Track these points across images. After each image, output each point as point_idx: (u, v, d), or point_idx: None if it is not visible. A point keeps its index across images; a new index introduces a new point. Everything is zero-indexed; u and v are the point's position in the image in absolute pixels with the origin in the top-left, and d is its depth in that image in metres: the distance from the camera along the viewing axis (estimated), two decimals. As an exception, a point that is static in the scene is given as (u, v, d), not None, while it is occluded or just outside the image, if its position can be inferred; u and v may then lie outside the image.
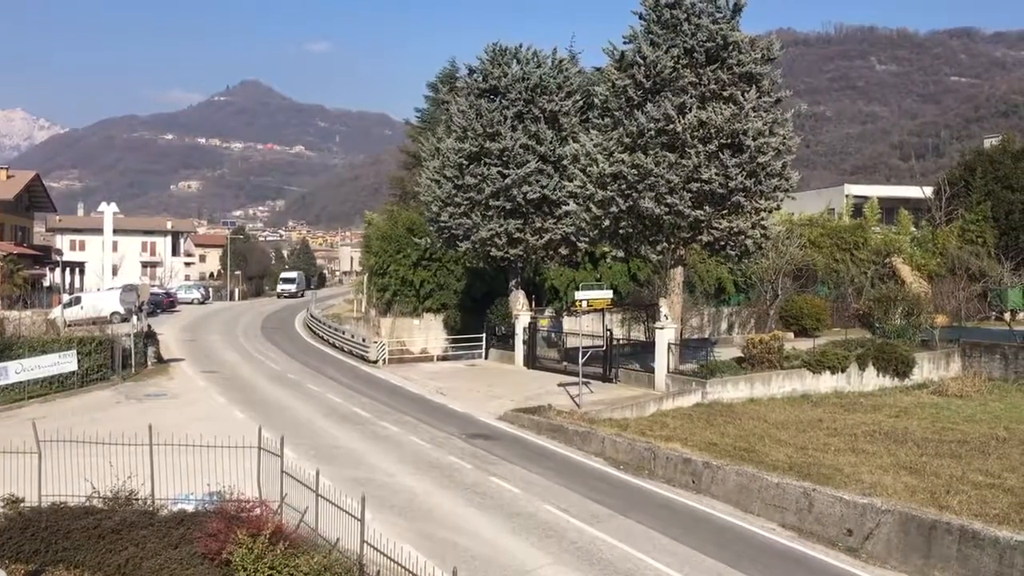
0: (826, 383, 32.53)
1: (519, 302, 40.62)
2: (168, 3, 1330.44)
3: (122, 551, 14.31)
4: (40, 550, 14.53)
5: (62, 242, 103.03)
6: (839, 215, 62.97)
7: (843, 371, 32.98)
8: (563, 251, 40.72)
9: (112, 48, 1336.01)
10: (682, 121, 30.19)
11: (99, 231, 74.32)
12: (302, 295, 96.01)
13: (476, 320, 45.35)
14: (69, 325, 43.82)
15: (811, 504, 18.04)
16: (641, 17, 32.53)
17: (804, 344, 36.63)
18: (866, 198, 65.44)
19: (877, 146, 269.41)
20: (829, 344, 35.97)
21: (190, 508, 15.61)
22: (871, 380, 33.80)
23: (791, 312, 44.37)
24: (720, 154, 30.26)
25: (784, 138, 31.23)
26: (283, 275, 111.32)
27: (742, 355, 33.15)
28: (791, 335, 41.29)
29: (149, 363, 37.99)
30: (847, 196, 69.13)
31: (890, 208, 64.73)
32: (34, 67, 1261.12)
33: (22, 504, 15.75)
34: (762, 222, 32.10)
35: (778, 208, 34.13)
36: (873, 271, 51.26)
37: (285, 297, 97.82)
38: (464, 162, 39.68)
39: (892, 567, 16.32)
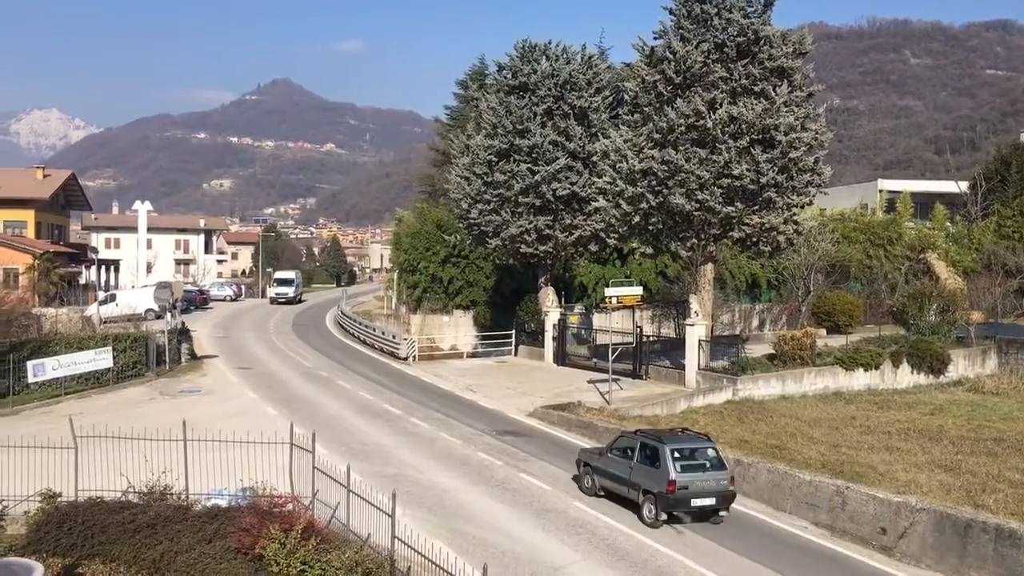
0: (859, 380, 32.18)
1: (548, 299, 40.59)
2: (200, 3, 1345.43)
3: (157, 545, 14.48)
4: (77, 544, 14.72)
5: (97, 240, 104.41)
6: (872, 210, 62.22)
7: (877, 368, 32.60)
8: (592, 248, 40.64)
9: (145, 48, 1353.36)
10: (713, 117, 30.00)
11: (134, 229, 75.39)
12: (300, 300, 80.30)
13: (505, 317, 45.38)
14: (105, 322, 44.45)
15: (844, 502, 17.88)
16: (671, 12, 32.37)
17: (837, 341, 36.29)
18: (900, 193, 64.58)
19: (911, 140, 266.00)
20: (862, 341, 35.59)
21: (223, 503, 15.76)
22: (905, 377, 33.40)
23: (823, 309, 43.88)
24: (751, 149, 30.04)
25: (816, 133, 30.94)
26: (278, 275, 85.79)
27: (774, 352, 32.90)
28: (823, 332, 40.86)
29: (183, 360, 38.39)
30: (880, 191, 68.21)
31: (924, 203, 63.79)
32: (69, 68, 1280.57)
33: (59, 499, 15.99)
34: (794, 218, 31.85)
35: (810, 204, 33.82)
36: (907, 267, 50.57)
37: (280, 303, 76.30)
38: (494, 159, 39.72)
39: (927, 566, 16.14)
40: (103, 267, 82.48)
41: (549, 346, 40.11)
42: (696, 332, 31.83)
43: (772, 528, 18.01)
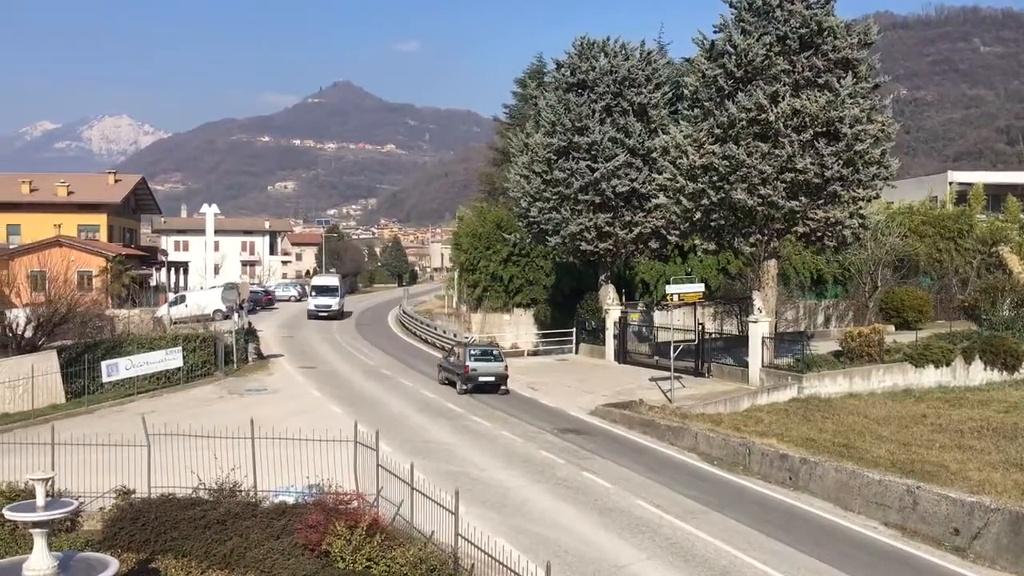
0: (929, 377, 31.45)
1: (609, 296, 40.44)
2: (261, 9, 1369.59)
3: (227, 541, 14.78)
4: (150, 540, 15.10)
5: (167, 243, 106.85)
6: (942, 203, 60.64)
7: (948, 365, 31.82)
8: (653, 245, 40.36)
9: (210, 55, 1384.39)
10: (775, 110, 29.58)
11: (201, 232, 76.88)
12: (343, 314, 64.39)
13: (566, 315, 45.34)
14: (175, 323, 45.51)
15: (915, 502, 17.47)
16: (731, 5, 32.04)
17: (905, 337, 35.48)
18: (971, 185, 62.81)
19: (982, 131, 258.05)
20: (932, 337, 34.75)
21: (290, 500, 16.02)
22: (978, 374, 32.55)
23: (892, 304, 42.95)
24: (815, 143, 29.56)
25: (883, 125, 30.33)
26: (316, 281, 70.24)
27: (840, 349, 32.34)
28: (892, 328, 40.01)
29: (250, 359, 39.09)
30: (950, 183, 66.49)
31: (996, 195, 61.96)
32: (138, 75, 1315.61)
33: (133, 495, 16.43)
34: (860, 211, 31.27)
35: (877, 197, 33.18)
36: (979, 261, 49.23)
37: (322, 317, 61.52)
38: (553, 157, 39.71)
39: (1001, 568, 15.68)
40: (173, 269, 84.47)
41: (610, 344, 39.95)
42: (759, 329, 31.43)
43: (840, 528, 17.67)
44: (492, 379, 32.09)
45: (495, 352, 33.84)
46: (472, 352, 32.80)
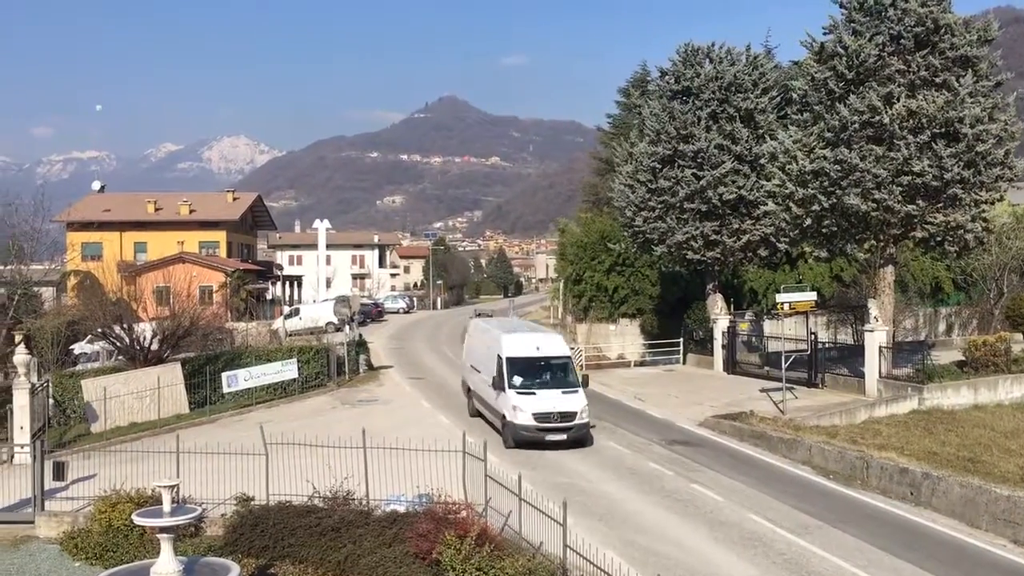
0: (1063, 388, 29.75)
1: (717, 306, 39.77)
2: (368, 28, 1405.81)
3: (341, 548, 15.17)
4: (269, 546, 15.63)
5: (282, 257, 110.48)
6: (1073, 204, 57.37)
7: (1083, 375, 30.05)
8: (762, 252, 39.50)
9: (322, 75, 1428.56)
10: (889, 112, 28.65)
11: (314, 246, 79.34)
12: (583, 431, 25.54)
13: (672, 325, 44.76)
14: (290, 335, 46.93)
15: (1048, 520, 16.56)
16: (842, 5, 31.28)
17: (1035, 346, 33.73)
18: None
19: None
20: (1065, 346, 32.93)
21: (401, 509, 16.32)
22: (1116, 385, 30.59)
23: (1019, 311, 40.85)
24: (933, 144, 28.49)
25: (1006, 124, 29.04)
26: (517, 347, 25.96)
27: (963, 358, 30.98)
28: (1020, 336, 38.07)
29: (361, 370, 39.92)
30: (1083, 183, 62.88)
31: None
32: (254, 97, 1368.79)
33: (252, 502, 17.03)
34: (983, 215, 29.96)
35: (1001, 199, 31.73)
36: (1116, 264, 46.31)
37: (549, 443, 24.19)
38: (657, 166, 39.35)
39: None
40: (287, 282, 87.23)
41: (718, 354, 39.25)
42: (876, 338, 30.38)
43: (966, 545, 16.88)
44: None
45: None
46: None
